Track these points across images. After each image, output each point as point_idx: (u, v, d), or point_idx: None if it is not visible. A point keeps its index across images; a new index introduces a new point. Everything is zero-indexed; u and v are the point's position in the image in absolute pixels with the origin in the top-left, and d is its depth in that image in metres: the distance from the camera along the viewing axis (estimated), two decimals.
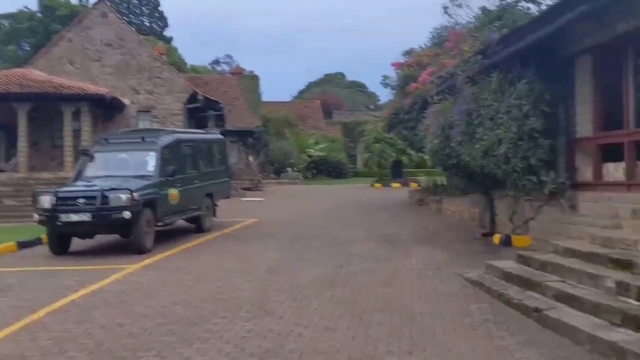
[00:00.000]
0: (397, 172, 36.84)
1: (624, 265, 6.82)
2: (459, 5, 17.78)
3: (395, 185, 33.78)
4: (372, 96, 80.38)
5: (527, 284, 7.75)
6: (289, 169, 40.80)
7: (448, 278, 9.30)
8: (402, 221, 17.30)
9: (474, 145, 11.86)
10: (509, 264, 8.77)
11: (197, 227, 15.64)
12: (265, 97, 44.93)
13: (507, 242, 12.08)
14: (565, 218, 10.64)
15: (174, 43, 62.72)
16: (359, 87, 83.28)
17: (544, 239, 10.82)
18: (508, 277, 8.32)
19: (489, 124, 11.35)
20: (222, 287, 9.13)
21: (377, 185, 34.90)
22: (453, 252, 11.76)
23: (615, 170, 9.84)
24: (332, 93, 67.67)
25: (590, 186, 10.32)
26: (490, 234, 13.48)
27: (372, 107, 68.77)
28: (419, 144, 18.50)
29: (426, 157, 35.77)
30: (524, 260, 8.70)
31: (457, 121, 12.35)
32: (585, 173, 10.65)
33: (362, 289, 8.83)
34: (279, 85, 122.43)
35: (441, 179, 23.07)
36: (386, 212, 19.85)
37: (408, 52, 22.01)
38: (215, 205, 16.70)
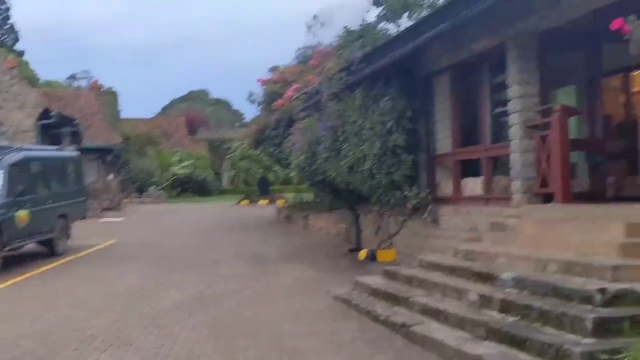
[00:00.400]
0: (264, 189, 36.70)
1: (485, 278, 6.96)
2: (323, 24, 17.86)
3: (263, 202, 33.59)
4: (237, 114, 79.99)
5: (394, 299, 7.75)
6: (151, 187, 39.47)
7: (316, 296, 9.15)
8: (270, 239, 17.08)
9: (339, 161, 11.89)
10: (376, 280, 8.76)
11: (50, 250, 14.58)
12: (126, 114, 43.30)
13: (372, 257, 12.17)
14: (428, 232, 10.87)
15: (26, 57, 59.15)
16: (223, 104, 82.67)
17: (409, 253, 10.99)
18: (376, 293, 8.30)
19: (354, 140, 11.43)
20: (76, 315, 8.44)
21: (244, 202, 34.56)
22: (321, 269, 11.67)
23: (474, 185, 10.17)
24: (196, 110, 66.58)
25: (451, 200, 10.61)
26: (357, 249, 13.56)
27: (237, 124, 68.40)
28: (285, 160, 18.41)
29: (293, 173, 35.96)
30: (390, 276, 8.72)
31: (323, 137, 12.34)
32: (446, 188, 10.95)
33: (229, 311, 8.48)
34: (141, 102, 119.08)
35: (308, 196, 23.16)
36: (254, 230, 19.57)
37: (273, 69, 21.85)
38: (70, 227, 15.67)
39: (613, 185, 8.91)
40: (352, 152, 11.36)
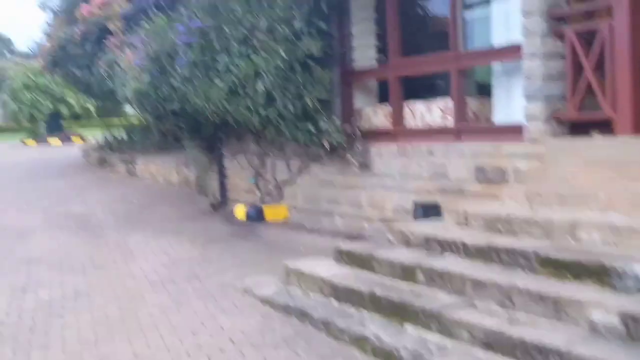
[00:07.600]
0: (55, 125, 30.66)
1: (593, 273, 3.91)
2: None
3: (55, 141, 27.96)
4: (6, 41, 69.26)
5: (396, 310, 4.43)
6: None
7: (226, 298, 5.54)
8: (87, 191, 12.71)
9: (212, 80, 8.10)
10: (331, 270, 5.32)
11: None
12: None
13: (257, 216, 8.77)
14: (350, 180, 7.68)
15: None
16: None
17: (313, 210, 7.87)
18: (343, 295, 4.91)
19: (239, 49, 7.71)
20: None
21: (30, 142, 28.59)
22: (191, 239, 7.99)
23: (428, 112, 7.08)
24: None
25: (388, 135, 7.44)
26: (222, 204, 10.10)
27: (7, 52, 58.73)
28: (100, 86, 13.82)
29: (91, 105, 30.43)
30: (353, 260, 5.34)
31: (183, 47, 8.36)
32: (374, 117, 7.79)
33: (78, 344, 4.64)
34: None
35: (121, 132, 18.58)
36: (60, 179, 14.83)
37: None
38: None
39: None
40: (238, 66, 7.65)
